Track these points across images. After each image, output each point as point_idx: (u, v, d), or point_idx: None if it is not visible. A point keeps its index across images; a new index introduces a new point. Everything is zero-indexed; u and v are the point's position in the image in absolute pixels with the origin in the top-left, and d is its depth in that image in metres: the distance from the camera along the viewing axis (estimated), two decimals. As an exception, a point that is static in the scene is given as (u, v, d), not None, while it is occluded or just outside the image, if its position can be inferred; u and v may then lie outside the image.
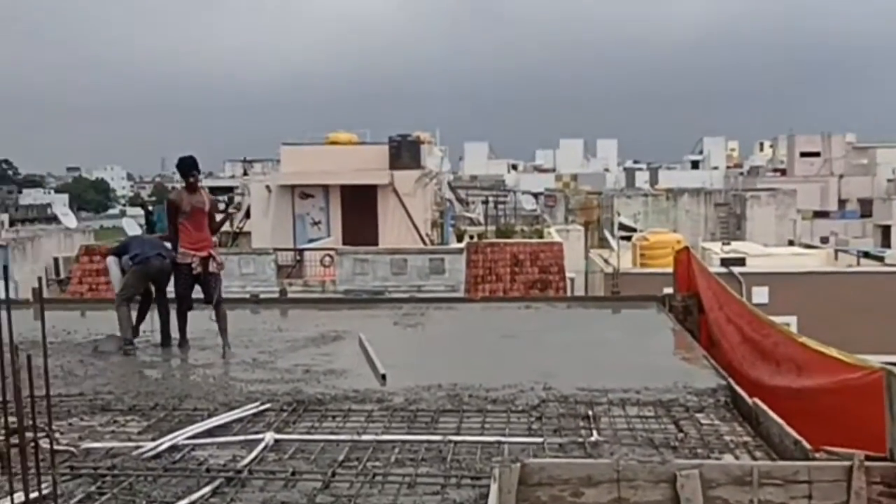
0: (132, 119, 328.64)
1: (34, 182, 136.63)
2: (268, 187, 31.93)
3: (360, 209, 30.74)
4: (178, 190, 9.79)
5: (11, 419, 4.65)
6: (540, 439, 6.25)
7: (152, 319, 10.04)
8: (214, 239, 10.21)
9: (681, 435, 6.33)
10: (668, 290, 12.25)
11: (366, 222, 30.53)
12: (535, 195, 54.87)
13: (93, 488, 5.31)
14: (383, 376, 8.13)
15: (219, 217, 10.54)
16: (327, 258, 25.38)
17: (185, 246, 9.58)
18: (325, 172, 30.73)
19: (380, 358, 8.69)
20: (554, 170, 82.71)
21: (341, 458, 5.85)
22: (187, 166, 9.62)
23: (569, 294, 25.40)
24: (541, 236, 33.46)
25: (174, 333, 9.70)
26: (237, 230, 33.18)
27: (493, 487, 4.71)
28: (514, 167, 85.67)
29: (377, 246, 28.10)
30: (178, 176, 10.63)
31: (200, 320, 9.63)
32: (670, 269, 12.32)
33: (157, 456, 5.93)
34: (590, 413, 6.87)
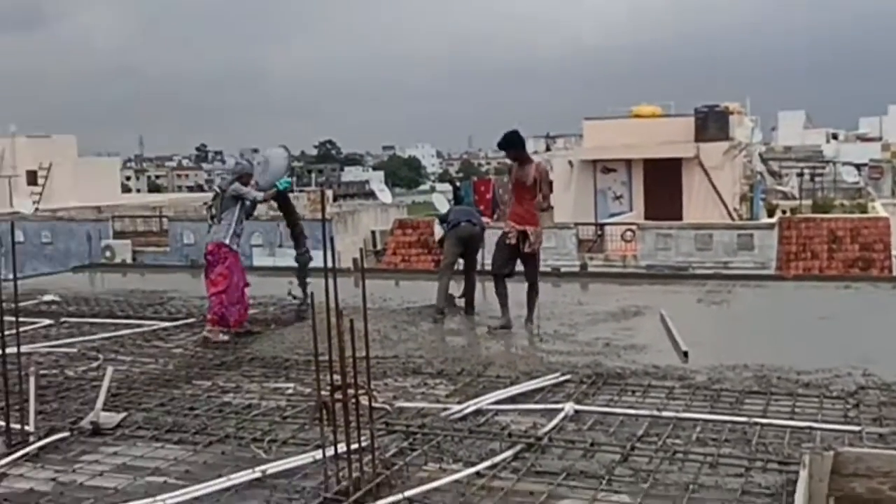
0: (442, 98, 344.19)
1: (354, 160, 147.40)
2: (570, 162, 32.16)
3: (663, 183, 30.10)
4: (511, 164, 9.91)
5: (336, 377, 5.09)
6: (857, 428, 5.82)
7: (459, 287, 10.52)
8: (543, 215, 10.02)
9: None
10: None
11: (669, 196, 29.85)
12: (858, 166, 50.62)
13: (405, 444, 5.68)
14: (685, 353, 7.95)
15: (545, 194, 9.70)
16: (629, 233, 25.15)
17: (509, 218, 9.72)
18: (628, 146, 30.39)
19: (681, 335, 8.50)
20: (880, 138, 75.74)
21: (640, 432, 5.81)
22: (503, 142, 9.69)
23: None
24: (864, 211, 30.91)
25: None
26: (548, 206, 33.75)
27: (803, 474, 4.46)
28: (835, 136, 79.49)
29: (681, 221, 27.38)
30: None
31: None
32: None
33: (463, 418, 6.22)
34: (916, 403, 6.29)
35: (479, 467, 5.18)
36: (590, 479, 5.00)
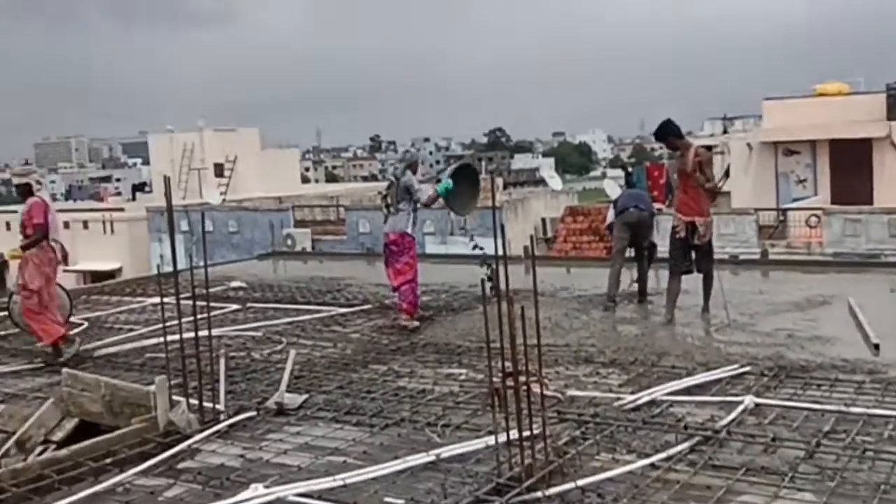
0: (613, 83, 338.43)
1: (524, 148, 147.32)
2: (749, 145, 30.90)
3: (852, 165, 28.43)
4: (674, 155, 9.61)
5: (507, 364, 5.11)
6: None
7: (631, 275, 10.35)
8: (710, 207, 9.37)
9: None
10: None
11: (858, 179, 28.16)
12: None
13: (577, 433, 5.65)
14: (876, 346, 7.50)
15: (709, 177, 9.30)
16: (814, 218, 23.92)
17: (676, 209, 9.30)
18: (813, 127, 28.87)
19: (872, 326, 8.02)
20: None
21: (826, 428, 5.53)
22: (658, 133, 9.43)
23: None
24: None
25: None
26: (717, 189, 32.64)
27: None
28: None
29: (871, 205, 25.81)
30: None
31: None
32: None
33: (637, 409, 6.12)
34: None
35: (654, 459, 5.09)
36: (771, 476, 4.81)
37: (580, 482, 4.76)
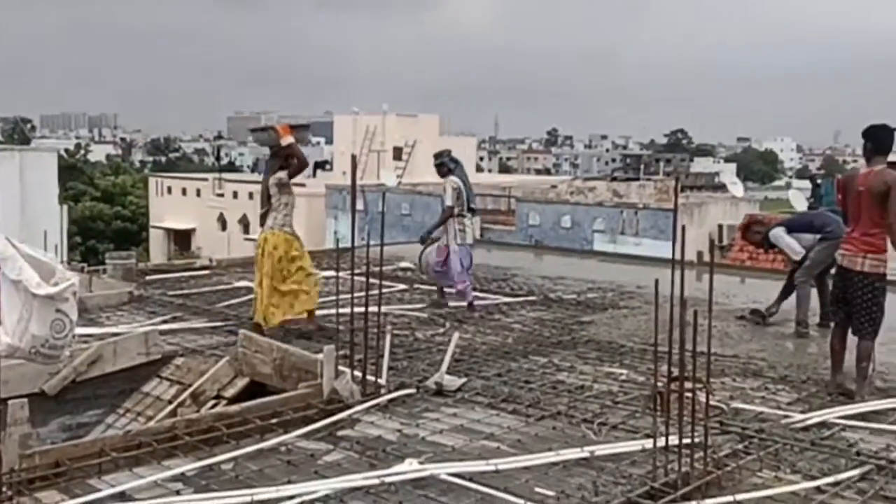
0: (806, 89, 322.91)
1: (705, 151, 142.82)
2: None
3: None
4: (854, 168, 8.16)
5: (673, 369, 4.99)
6: None
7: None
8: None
9: None
10: None
11: None
12: None
13: (739, 446, 5.45)
14: None
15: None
16: None
17: (844, 238, 7.07)
18: None
19: None
20: None
21: None
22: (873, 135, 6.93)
23: None
24: None
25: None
26: None
27: None
28: None
29: None
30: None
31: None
32: None
33: (806, 429, 5.84)
34: None
35: (820, 482, 4.85)
36: (950, 515, 4.49)
37: (738, 497, 4.60)
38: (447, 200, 9.79)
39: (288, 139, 8.67)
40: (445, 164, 10.03)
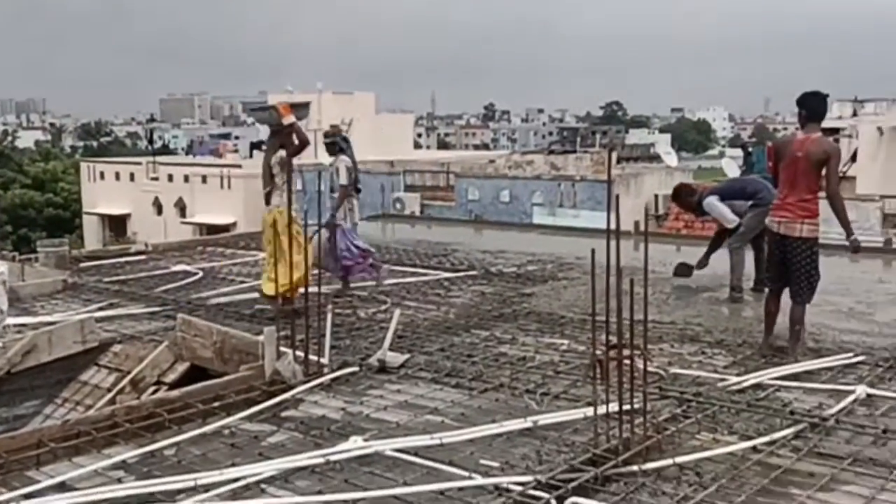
0: (737, 60, 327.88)
1: (640, 123, 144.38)
2: (879, 129, 29.53)
3: None
4: (785, 135, 7.97)
5: (612, 337, 5.06)
6: None
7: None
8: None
9: None
10: None
11: None
12: None
13: (678, 410, 5.56)
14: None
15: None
16: (943, 208, 22.76)
17: (774, 204, 7.17)
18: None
19: None
20: None
21: (944, 425, 5.29)
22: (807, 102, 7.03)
23: None
24: None
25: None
26: (841, 174, 31.37)
27: None
28: None
29: None
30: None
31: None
32: None
33: (742, 391, 5.98)
34: None
35: (756, 442, 4.98)
36: (879, 468, 4.64)
37: (678, 459, 4.70)
38: (342, 180, 9.70)
39: (289, 118, 8.69)
40: (337, 143, 9.98)
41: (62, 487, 4.52)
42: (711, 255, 9.82)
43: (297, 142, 8.74)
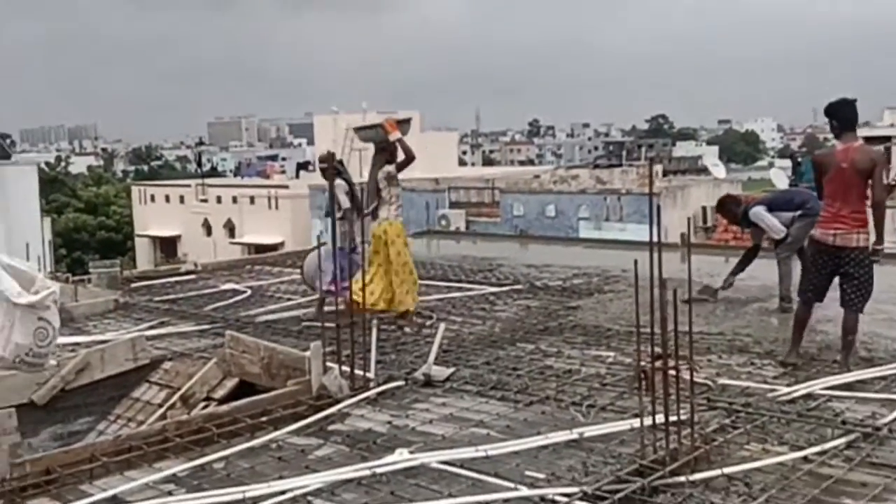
0: (784, 70, 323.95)
1: (687, 135, 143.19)
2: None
3: None
4: (826, 148, 7.44)
5: (657, 348, 5.02)
6: None
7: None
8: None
9: None
10: None
11: None
12: None
13: (726, 421, 5.50)
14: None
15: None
16: None
17: (823, 217, 6.90)
18: None
19: None
20: None
21: None
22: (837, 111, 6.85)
23: None
24: None
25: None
26: (892, 183, 30.77)
27: None
28: None
29: None
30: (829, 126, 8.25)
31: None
32: None
33: (792, 401, 5.89)
34: None
35: (807, 452, 4.90)
36: (936, 478, 4.54)
37: (726, 470, 4.64)
38: (345, 203, 9.71)
39: (396, 134, 9.03)
40: (336, 167, 10.03)
41: (114, 501, 4.60)
42: (738, 273, 9.71)
43: (403, 156, 9.03)
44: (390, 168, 9.03)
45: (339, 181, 9.77)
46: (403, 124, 9.33)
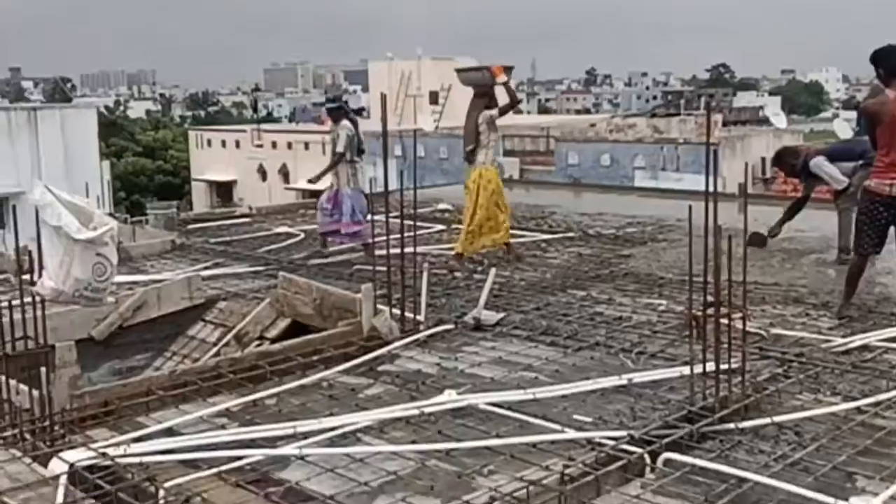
0: (854, 16, 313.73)
1: (749, 85, 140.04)
2: None
3: None
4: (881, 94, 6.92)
5: (710, 297, 4.96)
6: None
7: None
8: None
9: None
10: None
11: None
12: None
13: (779, 371, 5.44)
14: None
15: None
16: None
17: (877, 167, 6.71)
18: None
19: None
20: None
21: None
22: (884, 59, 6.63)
23: None
24: None
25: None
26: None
27: None
28: None
29: None
30: None
31: None
32: None
33: (847, 352, 5.80)
34: None
35: (861, 402, 4.83)
36: None
37: (777, 418, 4.60)
38: (339, 146, 9.78)
39: (502, 77, 9.12)
40: (343, 108, 10.06)
41: (169, 432, 4.71)
42: (787, 222, 9.55)
43: (508, 100, 9.24)
44: (493, 112, 9.11)
45: (345, 122, 9.84)
46: (509, 70, 9.33)
